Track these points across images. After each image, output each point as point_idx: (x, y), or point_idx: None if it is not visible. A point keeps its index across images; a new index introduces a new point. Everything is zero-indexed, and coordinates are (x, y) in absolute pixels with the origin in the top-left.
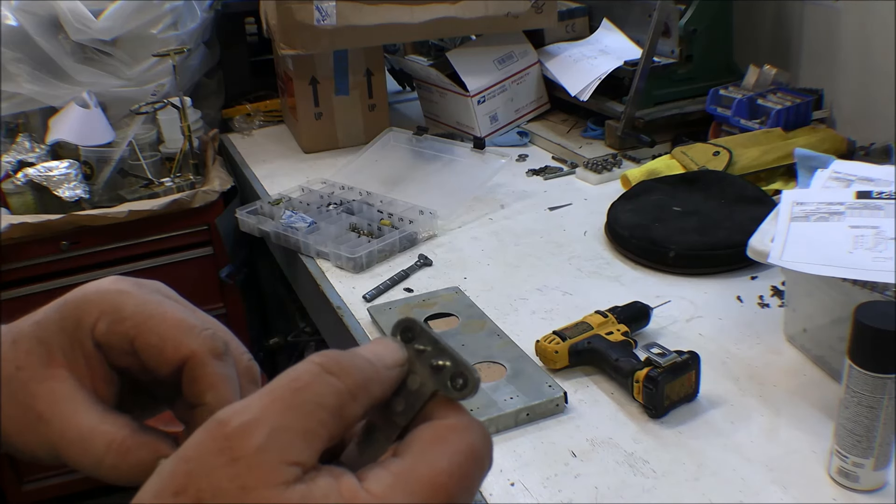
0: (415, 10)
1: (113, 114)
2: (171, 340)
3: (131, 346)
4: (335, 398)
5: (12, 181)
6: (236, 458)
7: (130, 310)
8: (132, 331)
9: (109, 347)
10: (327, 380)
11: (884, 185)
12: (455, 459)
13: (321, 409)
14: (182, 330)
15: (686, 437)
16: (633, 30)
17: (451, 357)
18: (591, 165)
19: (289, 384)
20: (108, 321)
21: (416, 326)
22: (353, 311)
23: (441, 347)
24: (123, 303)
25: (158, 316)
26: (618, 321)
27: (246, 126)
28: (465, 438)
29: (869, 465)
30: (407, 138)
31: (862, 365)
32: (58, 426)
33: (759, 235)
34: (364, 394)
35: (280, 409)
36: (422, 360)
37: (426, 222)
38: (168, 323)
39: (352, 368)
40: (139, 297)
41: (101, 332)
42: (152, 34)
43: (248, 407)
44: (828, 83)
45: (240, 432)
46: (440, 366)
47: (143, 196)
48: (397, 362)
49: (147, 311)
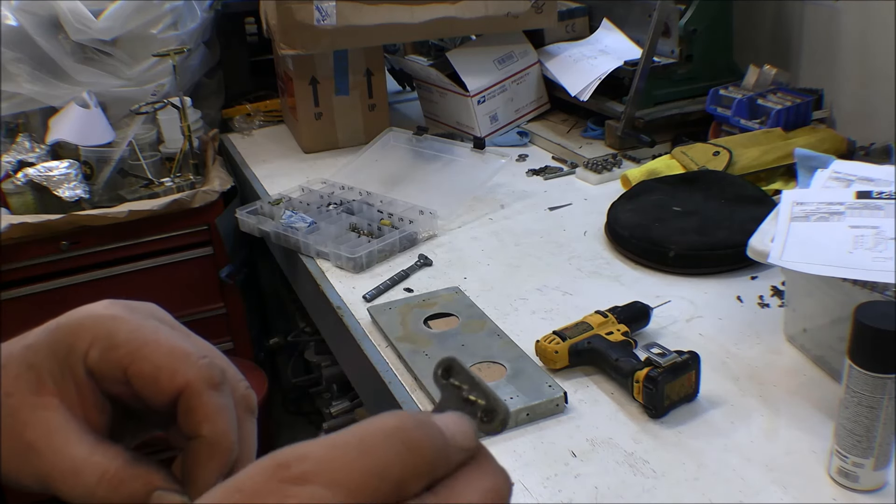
0: (415, 10)
1: (113, 114)
2: (165, 369)
3: (124, 374)
4: (399, 472)
5: (12, 181)
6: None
7: (124, 337)
8: (125, 359)
9: (102, 375)
10: (397, 450)
11: (884, 185)
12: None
13: (383, 481)
14: (177, 358)
15: (686, 437)
16: (633, 30)
17: (484, 394)
18: (591, 165)
19: (357, 444)
20: (101, 348)
21: (456, 365)
22: (353, 311)
23: (476, 384)
24: (117, 329)
25: (153, 343)
26: (618, 321)
27: (246, 126)
28: (490, 480)
29: (869, 465)
30: (407, 138)
31: (862, 365)
32: (49, 457)
33: (759, 235)
34: (429, 474)
35: (342, 467)
36: (457, 395)
37: (426, 222)
38: (163, 351)
39: (426, 447)
40: (133, 324)
41: (94, 359)
42: (152, 34)
43: (309, 455)
44: (828, 83)
45: (297, 479)
46: (472, 401)
47: (143, 196)
48: (469, 447)
49: (141, 338)
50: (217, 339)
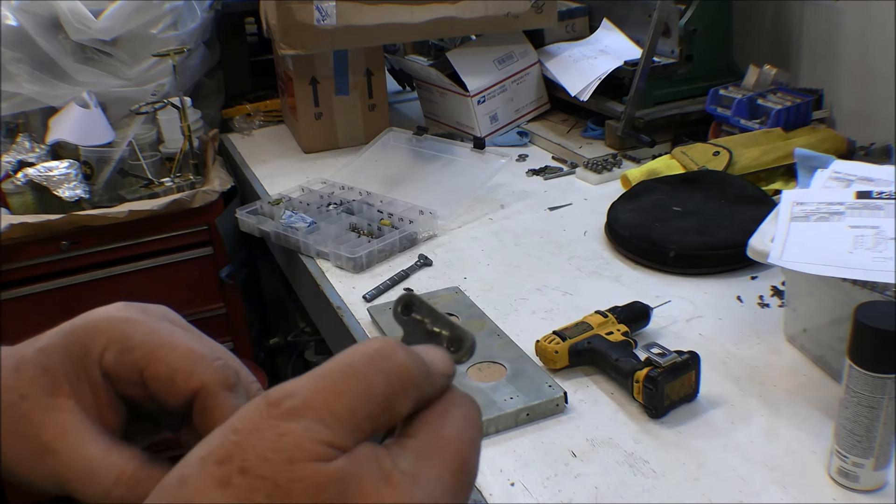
0: (415, 10)
1: (113, 114)
2: (181, 371)
3: (140, 376)
4: (386, 389)
5: (12, 181)
6: (283, 434)
7: (140, 339)
8: (142, 361)
9: (117, 377)
10: (381, 368)
11: (884, 185)
12: (459, 428)
13: (370, 400)
14: (193, 360)
15: (686, 437)
16: (633, 30)
17: (447, 324)
18: (591, 165)
19: (342, 369)
20: (117, 350)
21: (416, 300)
22: (353, 311)
23: (438, 317)
24: (132, 331)
25: (168, 346)
26: (618, 321)
27: (246, 126)
28: (461, 409)
29: (869, 465)
30: (407, 138)
31: (862, 365)
32: (64, 458)
33: (759, 235)
34: (415, 390)
35: (330, 394)
36: (420, 329)
37: (426, 222)
38: (178, 353)
39: (410, 364)
40: (148, 326)
41: (109, 361)
42: (152, 34)
43: (299, 389)
44: (828, 83)
45: (289, 413)
46: (436, 332)
47: (143, 196)
48: (447, 371)
49: (157, 340)
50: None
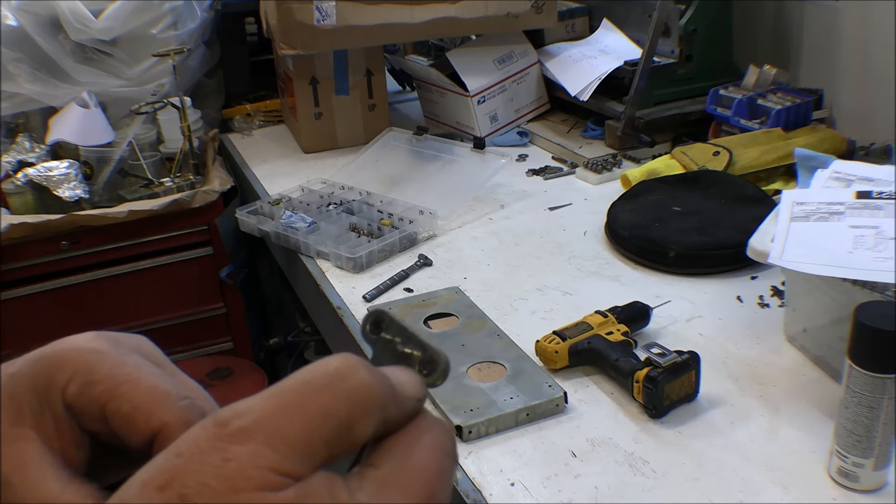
0: (415, 10)
1: (113, 114)
2: (142, 410)
3: (102, 412)
4: (346, 412)
5: (12, 181)
6: (228, 460)
7: (104, 373)
8: (103, 396)
9: (80, 411)
10: (341, 388)
11: (884, 185)
12: (427, 457)
13: (328, 422)
14: (156, 398)
15: (686, 437)
16: (633, 30)
17: (419, 345)
18: (591, 165)
19: (298, 388)
20: (80, 383)
21: (386, 318)
22: (353, 311)
23: (409, 336)
24: (98, 364)
25: (132, 381)
26: (618, 321)
27: (246, 126)
28: (432, 436)
29: (869, 465)
30: (407, 138)
31: (862, 365)
32: (20, 491)
33: (759, 235)
34: (379, 413)
35: (282, 414)
36: (390, 350)
37: (426, 222)
38: (141, 390)
39: (374, 384)
40: (115, 359)
41: (73, 394)
42: (152, 34)
43: (249, 409)
44: (828, 83)
45: (237, 435)
46: (407, 353)
47: (143, 196)
48: (417, 395)
49: (121, 374)
50: (217, 339)
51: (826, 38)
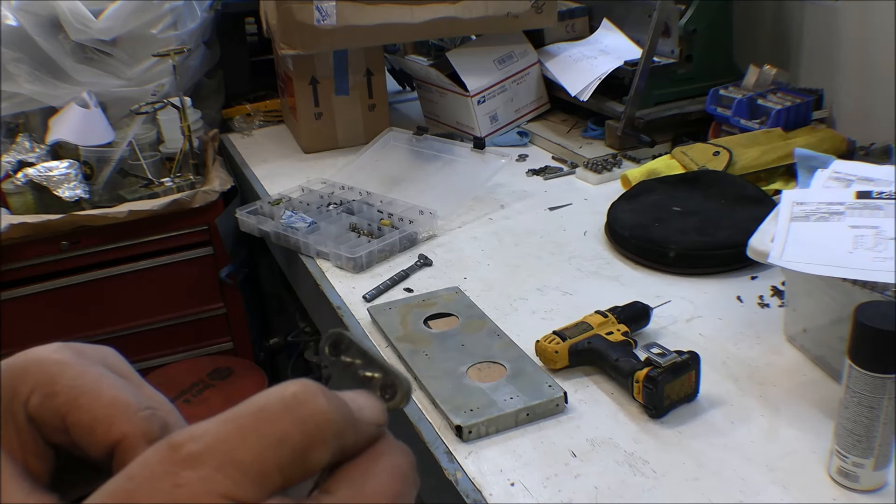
0: (415, 10)
1: (113, 114)
2: (102, 421)
3: (63, 423)
4: (301, 438)
5: (12, 181)
6: (179, 486)
7: (64, 384)
8: (63, 408)
9: (42, 422)
10: (297, 415)
11: (884, 185)
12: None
13: (282, 449)
14: (116, 410)
15: (686, 437)
16: (633, 30)
17: (380, 368)
18: (591, 165)
19: (254, 413)
20: (42, 395)
21: (345, 339)
22: (353, 311)
23: (370, 359)
24: (59, 375)
25: (93, 393)
26: (618, 321)
27: (246, 126)
28: (391, 460)
29: (869, 465)
30: (407, 138)
31: (862, 365)
32: None
33: (759, 235)
34: (336, 440)
35: (235, 440)
36: (350, 373)
37: (426, 222)
38: (102, 401)
39: (331, 411)
40: (76, 370)
41: (34, 405)
42: (152, 34)
43: (204, 433)
44: (828, 83)
45: (188, 460)
46: (368, 377)
47: (143, 196)
48: (377, 420)
49: (81, 386)
50: (217, 339)
51: (826, 38)
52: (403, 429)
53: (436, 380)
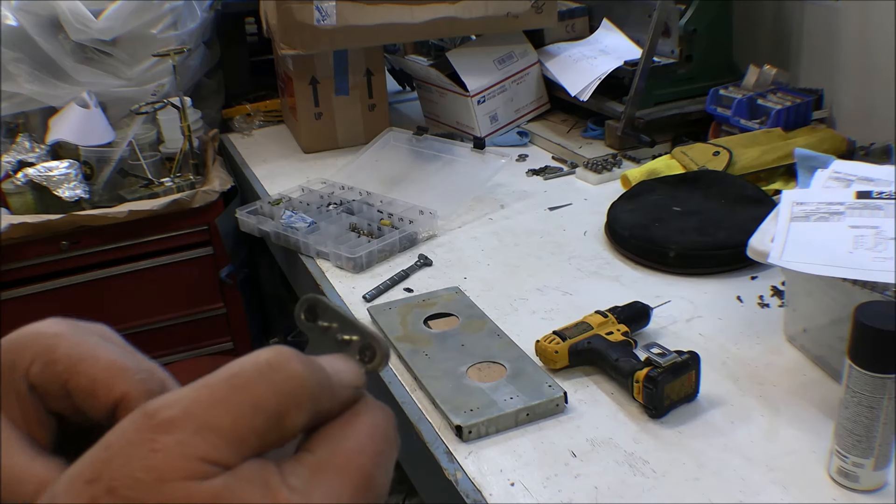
0: (415, 10)
1: (113, 114)
2: (102, 383)
3: (64, 389)
4: (276, 403)
5: (12, 181)
6: (156, 451)
7: (63, 352)
8: (64, 373)
9: (43, 390)
10: (272, 380)
11: (884, 185)
12: (364, 440)
13: (258, 414)
14: (114, 372)
15: (686, 437)
16: (633, 30)
17: (358, 331)
18: (591, 165)
19: (228, 379)
20: (41, 363)
21: (321, 304)
22: (353, 311)
23: (348, 322)
24: (56, 345)
25: (91, 358)
26: (618, 321)
27: (246, 126)
28: (369, 418)
29: (869, 465)
30: (407, 138)
31: (862, 365)
32: None
33: (759, 235)
34: (311, 404)
35: (211, 406)
36: (328, 337)
37: (426, 222)
38: (100, 365)
39: (306, 376)
40: (73, 339)
41: (35, 374)
42: (152, 34)
43: (178, 400)
44: (828, 83)
45: (164, 425)
46: (346, 340)
47: (143, 196)
48: (355, 383)
49: (79, 352)
50: (217, 339)
51: (826, 38)
52: (404, 429)
53: (436, 380)
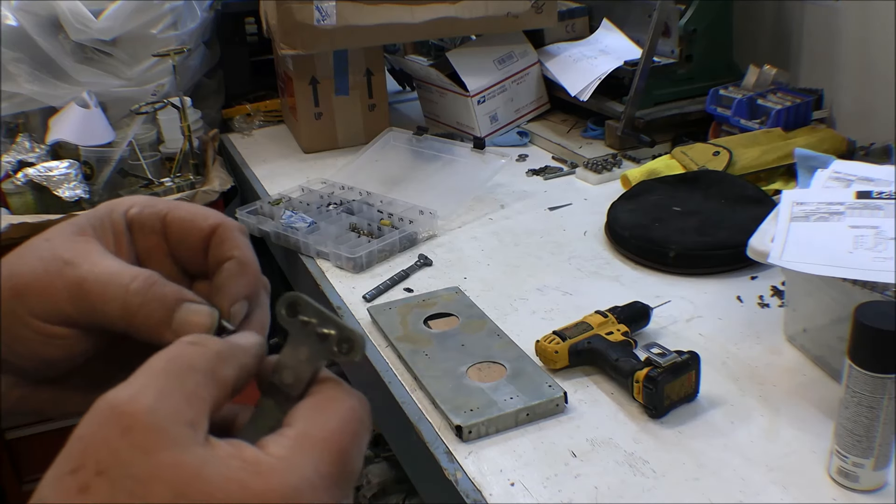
0: (415, 10)
1: (113, 114)
2: (199, 214)
3: (162, 223)
4: (205, 362)
5: (12, 181)
6: (129, 426)
7: (163, 202)
8: (164, 210)
9: (141, 225)
10: (194, 348)
11: (884, 185)
12: (341, 421)
13: (195, 373)
14: (210, 211)
15: (686, 437)
16: (633, 30)
17: (335, 325)
18: (591, 165)
19: (161, 357)
20: (141, 205)
21: (301, 300)
22: (353, 311)
23: (326, 317)
24: (156, 198)
25: (186, 205)
26: (618, 321)
27: (246, 126)
28: (345, 404)
29: (869, 465)
30: (407, 138)
31: (862, 365)
32: (85, 266)
33: (759, 235)
34: (232, 357)
35: (159, 376)
36: (307, 331)
37: (426, 222)
38: (196, 207)
39: (215, 339)
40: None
41: (134, 213)
42: (152, 34)
43: (130, 383)
44: (828, 83)
45: (128, 401)
46: (325, 334)
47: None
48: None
49: (176, 203)
50: None
51: (826, 38)
52: (404, 429)
53: (436, 380)
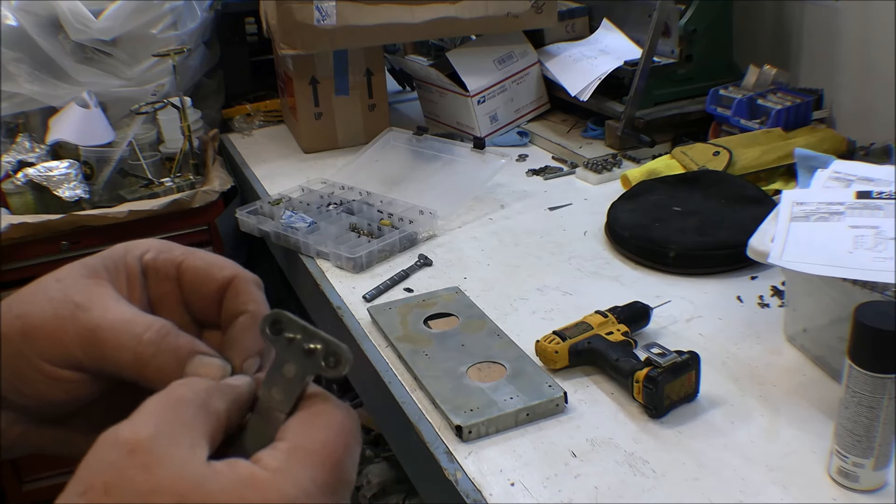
0: (415, 10)
1: (113, 114)
2: (216, 264)
3: (177, 270)
4: (195, 395)
5: (12, 181)
6: (133, 450)
7: (179, 248)
8: (180, 257)
9: (155, 271)
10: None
11: (884, 185)
12: (333, 433)
13: (188, 405)
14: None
15: (686, 437)
16: (633, 30)
17: (321, 339)
18: (591, 165)
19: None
20: (157, 251)
21: (284, 318)
22: (353, 311)
23: (311, 332)
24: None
25: (202, 253)
26: (618, 321)
27: (246, 126)
28: (335, 417)
29: (869, 465)
30: (407, 138)
31: (862, 365)
32: (98, 312)
33: (759, 235)
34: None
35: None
36: (293, 347)
37: (426, 222)
38: (211, 256)
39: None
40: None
41: (150, 258)
42: (152, 34)
43: (130, 419)
44: (828, 83)
45: (130, 432)
46: (311, 349)
47: (143, 196)
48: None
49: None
50: None
51: (826, 38)
52: (404, 429)
53: (436, 380)
